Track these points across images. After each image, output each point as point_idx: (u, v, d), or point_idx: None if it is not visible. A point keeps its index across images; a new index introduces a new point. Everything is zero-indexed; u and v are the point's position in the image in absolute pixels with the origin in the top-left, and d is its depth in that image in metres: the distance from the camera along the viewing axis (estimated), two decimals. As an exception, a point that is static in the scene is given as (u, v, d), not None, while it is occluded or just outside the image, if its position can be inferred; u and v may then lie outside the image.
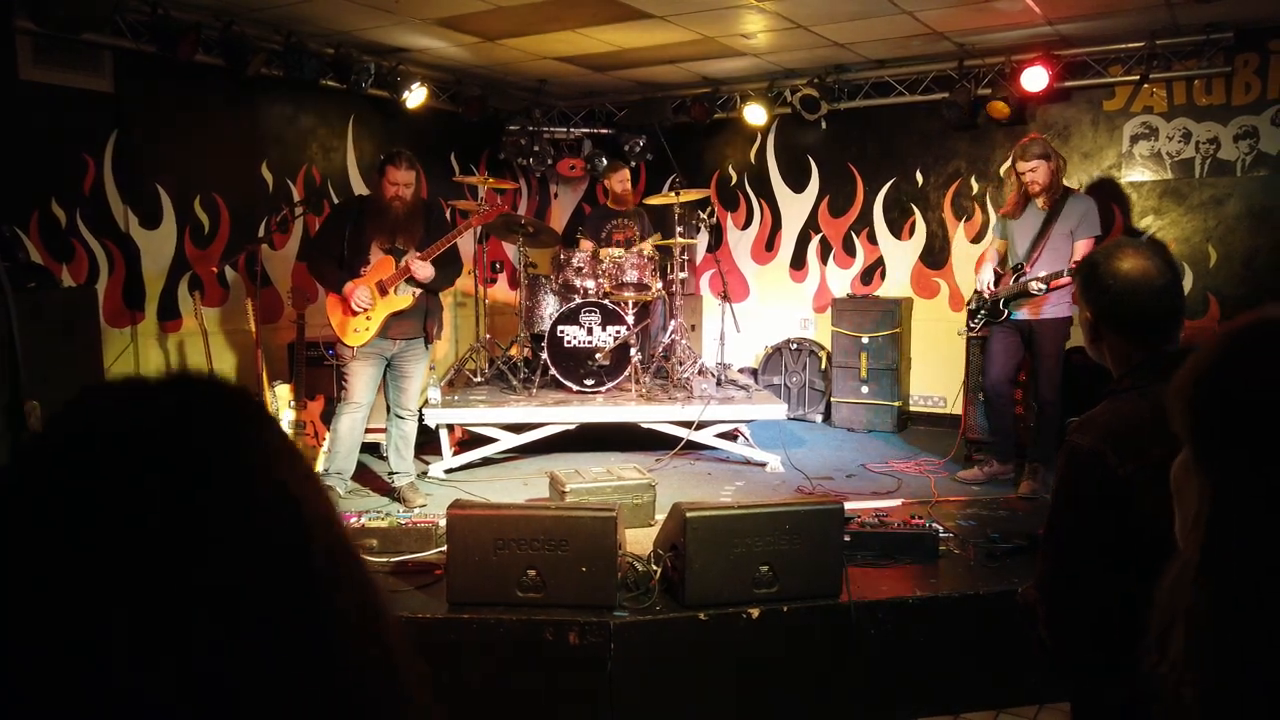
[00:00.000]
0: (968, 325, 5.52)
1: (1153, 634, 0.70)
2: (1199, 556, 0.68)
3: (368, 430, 4.93)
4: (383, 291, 4.64)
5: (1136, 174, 6.39)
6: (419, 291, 4.72)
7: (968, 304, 5.62)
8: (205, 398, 0.60)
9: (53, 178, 5.17)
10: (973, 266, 5.84)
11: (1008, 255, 5.32)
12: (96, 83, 5.32)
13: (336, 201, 6.50)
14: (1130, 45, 6.08)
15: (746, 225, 8.01)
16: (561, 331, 6.10)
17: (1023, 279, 5.03)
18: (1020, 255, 5.13)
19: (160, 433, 0.56)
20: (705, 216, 6.73)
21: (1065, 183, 5.26)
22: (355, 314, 4.61)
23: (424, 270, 4.64)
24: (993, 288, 5.21)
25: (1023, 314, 5.07)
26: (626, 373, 6.04)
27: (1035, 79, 6.16)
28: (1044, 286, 4.90)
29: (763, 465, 5.77)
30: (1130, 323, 1.84)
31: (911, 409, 7.28)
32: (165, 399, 0.59)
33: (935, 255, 7.21)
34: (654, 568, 3.50)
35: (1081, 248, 4.92)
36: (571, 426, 5.76)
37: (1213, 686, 0.64)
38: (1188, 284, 6.17)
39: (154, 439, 0.55)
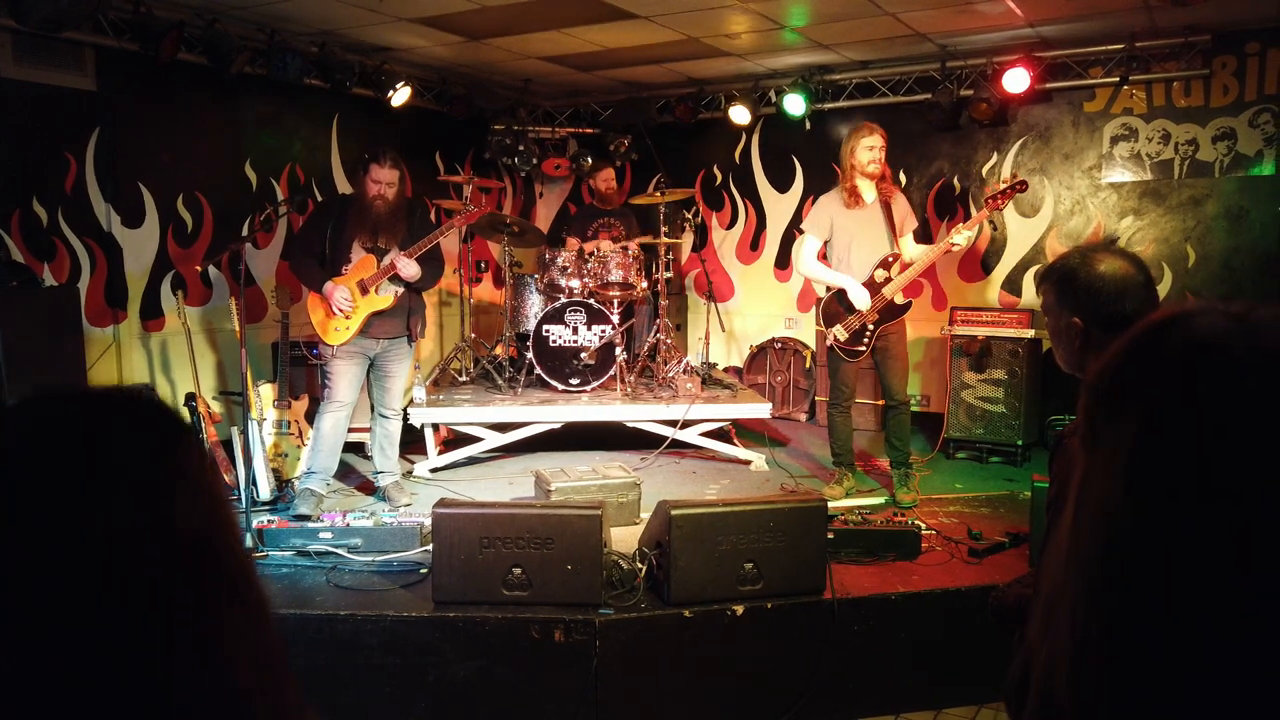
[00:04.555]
0: (850, 354, 4.94)
1: (1036, 621, 0.69)
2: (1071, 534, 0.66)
3: (352, 429, 4.93)
4: (364, 291, 4.62)
5: (1117, 175, 6.46)
6: (401, 291, 4.71)
7: (833, 329, 4.94)
8: (134, 419, 0.64)
9: (34, 176, 5.13)
10: (947, 270, 5.57)
11: (832, 254, 4.97)
12: (78, 81, 5.29)
13: (320, 200, 6.48)
14: (1110, 47, 6.13)
15: (731, 225, 8.04)
16: (547, 331, 6.11)
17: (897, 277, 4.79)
18: (880, 253, 4.87)
19: (86, 448, 0.60)
20: (690, 216, 6.75)
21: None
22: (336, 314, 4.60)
23: (410, 268, 4.62)
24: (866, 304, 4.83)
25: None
26: (612, 372, 6.05)
27: (1017, 80, 6.21)
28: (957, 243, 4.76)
29: (747, 464, 5.79)
30: (1125, 323, 1.86)
31: (895, 408, 7.30)
32: (102, 414, 0.64)
33: (918, 255, 7.24)
34: (639, 565, 3.52)
35: (910, 241, 4.95)
36: (557, 426, 5.77)
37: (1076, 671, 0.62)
38: (1167, 284, 6.25)
39: (80, 453, 0.60)
